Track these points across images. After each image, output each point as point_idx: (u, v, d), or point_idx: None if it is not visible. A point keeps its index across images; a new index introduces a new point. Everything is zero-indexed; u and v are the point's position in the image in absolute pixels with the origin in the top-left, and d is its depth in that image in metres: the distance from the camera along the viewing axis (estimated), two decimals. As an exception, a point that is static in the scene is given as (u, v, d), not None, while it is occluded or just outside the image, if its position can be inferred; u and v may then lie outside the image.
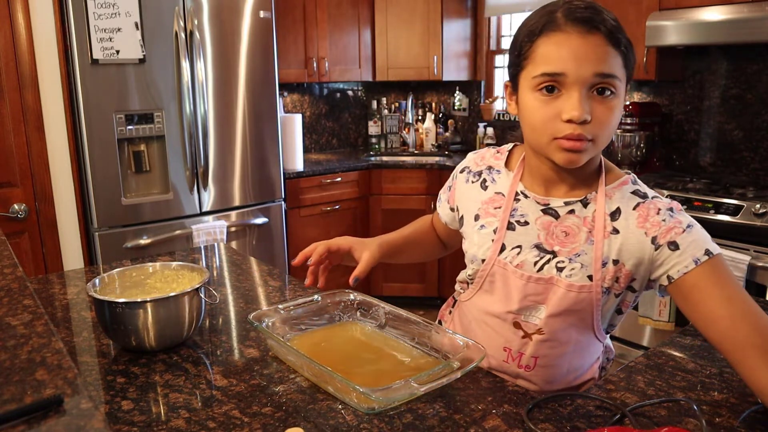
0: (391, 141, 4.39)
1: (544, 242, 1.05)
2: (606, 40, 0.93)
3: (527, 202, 1.08)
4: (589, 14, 0.93)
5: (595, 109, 0.94)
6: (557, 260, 1.04)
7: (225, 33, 2.93)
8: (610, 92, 0.94)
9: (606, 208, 1.02)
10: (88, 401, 0.66)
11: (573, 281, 1.02)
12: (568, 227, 1.04)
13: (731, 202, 2.51)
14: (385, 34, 3.99)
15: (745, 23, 2.47)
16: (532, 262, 1.05)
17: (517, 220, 1.09)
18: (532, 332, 1.10)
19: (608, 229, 1.01)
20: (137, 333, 1.12)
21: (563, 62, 0.92)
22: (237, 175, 3.09)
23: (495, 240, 1.09)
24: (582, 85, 0.92)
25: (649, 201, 1.02)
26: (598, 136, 0.95)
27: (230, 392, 1.01)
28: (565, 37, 0.93)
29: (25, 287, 1.00)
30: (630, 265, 1.01)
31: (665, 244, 0.97)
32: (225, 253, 1.85)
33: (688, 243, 0.96)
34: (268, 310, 1.20)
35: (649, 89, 3.34)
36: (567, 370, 1.13)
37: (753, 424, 0.91)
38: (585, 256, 1.02)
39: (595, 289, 1.02)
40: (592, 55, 0.92)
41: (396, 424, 0.91)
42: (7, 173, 2.53)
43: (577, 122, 0.93)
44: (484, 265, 1.11)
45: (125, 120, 2.70)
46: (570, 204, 1.05)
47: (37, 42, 2.52)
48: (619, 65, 0.94)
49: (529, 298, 1.07)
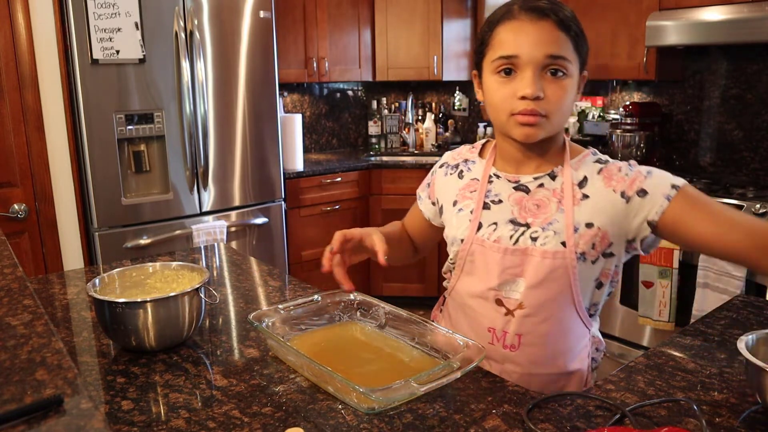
0: (391, 141, 4.39)
1: (518, 216, 1.12)
2: (556, 26, 1.02)
3: (500, 182, 1.16)
4: (540, 3, 1.03)
5: (548, 88, 1.03)
6: (531, 231, 1.10)
7: (225, 33, 2.93)
8: (561, 73, 1.03)
9: (573, 178, 1.11)
10: (88, 401, 0.66)
11: (547, 248, 1.08)
12: (539, 200, 1.11)
13: (731, 202, 2.51)
14: (385, 34, 3.99)
15: (745, 23, 2.47)
16: (508, 236, 1.11)
17: (491, 199, 1.16)
18: (513, 308, 1.13)
19: (577, 197, 1.09)
20: (137, 333, 1.12)
21: (517, 46, 1.03)
22: (237, 175, 3.09)
23: (472, 219, 1.15)
24: (535, 66, 1.02)
25: (610, 164, 1.12)
26: (551, 112, 1.04)
27: (230, 392, 1.01)
28: (519, 24, 1.03)
29: (25, 287, 1.00)
30: (605, 225, 1.07)
31: (634, 194, 1.06)
32: (225, 253, 1.85)
33: (654, 185, 1.05)
34: (268, 310, 1.20)
35: (649, 89, 3.34)
36: (553, 353, 1.15)
37: (753, 424, 0.91)
38: (557, 224, 1.08)
39: (569, 255, 1.07)
40: (542, 38, 1.02)
41: (396, 424, 0.91)
42: (7, 173, 2.53)
43: (531, 98, 1.02)
44: (463, 244, 1.16)
45: (125, 120, 2.70)
46: (539, 178, 1.12)
47: (37, 42, 2.52)
48: (570, 49, 1.04)
49: (508, 271, 1.11)
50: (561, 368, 1.16)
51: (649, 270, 2.61)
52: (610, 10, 3.08)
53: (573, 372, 1.17)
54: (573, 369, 1.17)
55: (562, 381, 1.17)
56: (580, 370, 1.17)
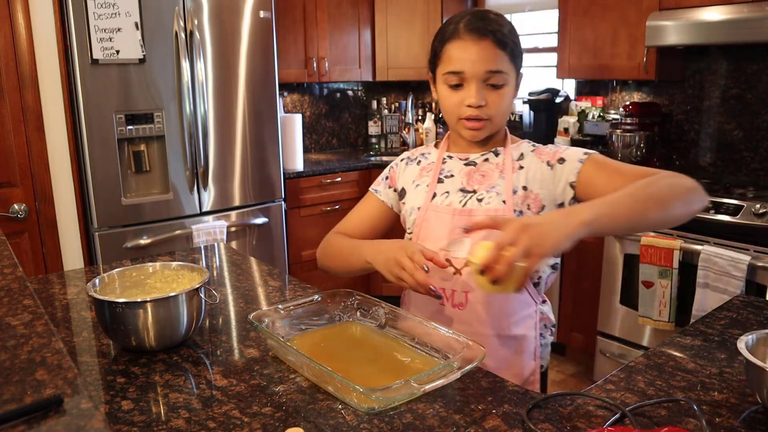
0: (391, 141, 4.39)
1: (467, 185, 1.30)
2: (494, 44, 1.20)
3: (452, 162, 1.35)
4: (481, 24, 1.20)
5: (489, 96, 1.23)
6: (477, 195, 1.28)
7: (225, 33, 2.93)
8: (500, 83, 1.22)
9: (512, 155, 1.31)
10: (88, 401, 0.66)
11: (490, 207, 1.25)
12: (485, 171, 1.31)
13: (731, 202, 2.51)
14: (385, 34, 3.99)
15: (745, 23, 2.47)
16: (458, 201, 1.29)
17: (445, 175, 1.34)
18: (461, 267, 1.24)
19: (516, 167, 1.29)
20: (137, 333, 1.12)
21: (462, 63, 1.21)
22: (237, 175, 3.09)
23: (428, 191, 1.33)
24: (477, 79, 1.21)
25: (541, 146, 1.32)
26: (492, 115, 1.24)
27: (230, 392, 1.01)
28: (463, 44, 1.21)
29: (25, 287, 1.00)
30: (536, 189, 1.26)
31: (556, 162, 1.25)
32: (225, 253, 1.85)
33: (570, 154, 1.25)
34: (268, 310, 1.20)
35: (649, 89, 3.34)
36: (499, 312, 1.26)
37: (753, 424, 0.91)
38: (498, 187, 1.27)
39: (508, 212, 1.24)
40: (483, 56, 1.20)
41: (396, 424, 0.91)
42: (7, 173, 2.53)
43: (475, 107, 1.22)
44: (420, 211, 1.32)
45: (125, 120, 2.70)
46: (485, 155, 1.33)
47: (37, 42, 2.52)
48: (506, 62, 1.22)
49: (456, 231, 1.26)
50: (506, 330, 1.27)
51: (649, 270, 2.61)
52: (610, 10, 3.08)
53: (518, 337, 1.28)
54: (518, 333, 1.28)
55: (508, 344, 1.28)
56: (525, 336, 1.29)
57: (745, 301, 1.40)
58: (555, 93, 3.65)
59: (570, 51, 3.29)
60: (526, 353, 1.29)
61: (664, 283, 2.57)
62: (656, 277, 2.59)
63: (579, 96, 3.68)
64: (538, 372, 1.32)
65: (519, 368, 1.29)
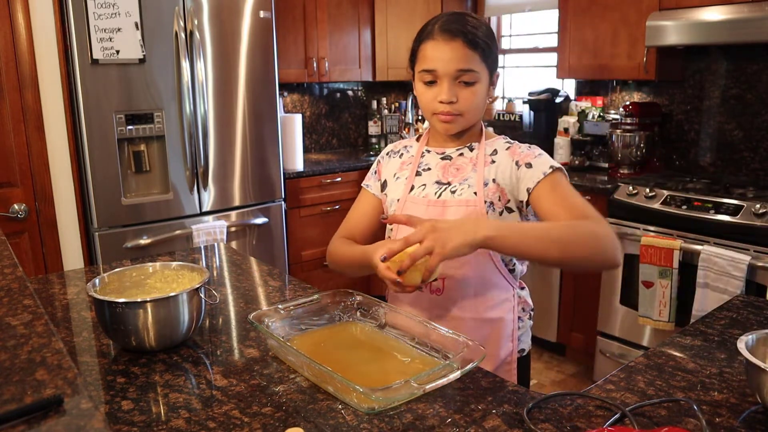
0: (391, 141, 4.39)
1: (442, 178, 1.37)
2: (464, 45, 1.26)
3: (430, 155, 1.42)
4: (453, 26, 1.27)
5: (460, 93, 1.28)
6: (450, 187, 1.34)
7: (225, 33, 2.93)
8: (471, 81, 1.28)
9: (486, 150, 1.37)
10: (88, 401, 0.66)
11: (462, 198, 1.31)
12: (459, 165, 1.37)
13: (731, 202, 2.51)
14: (385, 34, 3.99)
15: (745, 23, 2.47)
16: (433, 192, 1.35)
17: (423, 168, 1.40)
18: None
19: (488, 161, 1.35)
20: (137, 333, 1.12)
21: (434, 62, 1.28)
22: (237, 175, 3.09)
23: (406, 183, 1.39)
24: (449, 77, 1.27)
25: (516, 144, 1.37)
26: (463, 111, 1.30)
27: (230, 392, 1.01)
28: (436, 44, 1.28)
29: (25, 287, 1.00)
30: (503, 183, 1.31)
31: (523, 164, 1.30)
32: (225, 253, 1.85)
33: (538, 162, 1.29)
34: (268, 310, 1.20)
35: (649, 89, 3.34)
36: (475, 295, 1.33)
37: (753, 424, 0.91)
38: (471, 180, 1.33)
39: (479, 203, 1.29)
40: (454, 56, 1.26)
41: (396, 424, 0.91)
42: (7, 173, 2.53)
43: (446, 103, 1.28)
44: (398, 203, 1.38)
45: (125, 120, 2.70)
46: (460, 149, 1.39)
47: (37, 42, 2.52)
48: (477, 60, 1.27)
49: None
50: (482, 314, 1.33)
51: (649, 270, 2.61)
52: (610, 10, 3.08)
53: (494, 320, 1.34)
54: (494, 317, 1.34)
55: (484, 327, 1.34)
56: (502, 319, 1.35)
57: (745, 301, 1.40)
58: (555, 93, 3.65)
59: (570, 51, 3.29)
60: (504, 336, 1.36)
61: (664, 283, 2.57)
62: (656, 277, 2.59)
63: (579, 96, 3.67)
64: (515, 353, 1.38)
65: (496, 349, 1.35)
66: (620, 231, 2.76)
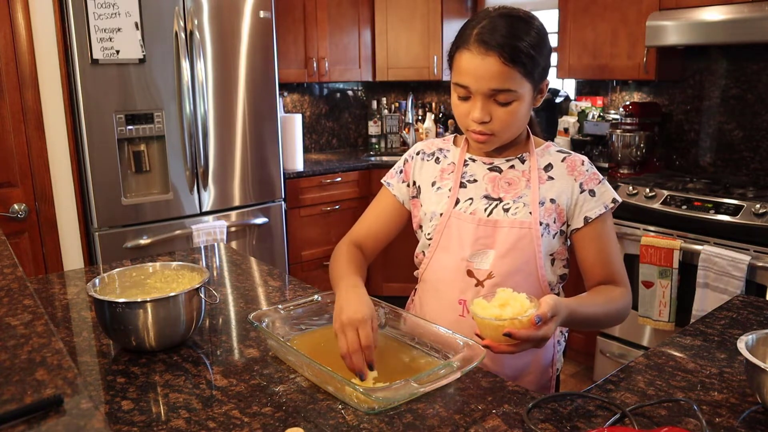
0: (391, 141, 4.39)
1: (492, 192, 1.25)
2: (501, 61, 1.10)
3: (475, 165, 1.29)
4: (489, 37, 1.11)
5: (495, 112, 1.16)
6: (503, 204, 1.23)
7: (225, 33, 2.93)
8: (508, 101, 1.14)
9: (538, 163, 1.26)
10: (88, 401, 0.66)
11: (516, 218, 1.21)
12: (511, 178, 1.26)
13: (731, 202, 2.51)
14: (385, 34, 3.99)
15: (745, 23, 2.47)
16: (483, 209, 1.24)
17: (467, 179, 1.28)
18: (483, 278, 1.22)
19: (543, 178, 1.24)
20: (137, 333, 1.12)
21: (467, 77, 1.14)
22: (237, 175, 3.09)
23: (450, 195, 1.27)
24: (482, 95, 1.14)
25: (573, 156, 1.27)
26: (497, 131, 1.18)
27: (230, 392, 1.01)
28: (470, 56, 1.13)
29: (25, 287, 1.00)
30: (563, 203, 1.22)
31: (587, 190, 1.22)
32: (225, 253, 1.85)
33: (602, 192, 1.23)
34: (268, 310, 1.20)
35: (649, 89, 3.34)
36: None
37: (753, 424, 0.91)
38: (526, 197, 1.23)
39: (534, 225, 1.20)
40: (487, 74, 1.11)
41: (396, 424, 0.91)
42: (7, 173, 2.53)
43: (478, 123, 1.16)
44: (442, 218, 1.26)
45: (125, 120, 2.70)
46: (510, 161, 1.27)
47: (37, 42, 2.52)
48: (516, 78, 1.12)
49: (480, 241, 1.22)
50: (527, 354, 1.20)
51: (649, 270, 2.61)
52: (610, 10, 3.08)
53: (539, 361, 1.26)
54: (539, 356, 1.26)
55: (528, 356, 1.25)
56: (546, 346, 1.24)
57: (745, 301, 1.40)
58: (555, 93, 3.65)
59: (570, 51, 3.29)
60: (544, 361, 1.29)
61: (664, 283, 2.57)
62: (656, 277, 2.59)
63: (579, 96, 3.67)
64: (554, 377, 1.32)
65: (537, 375, 1.28)
66: (620, 231, 2.76)
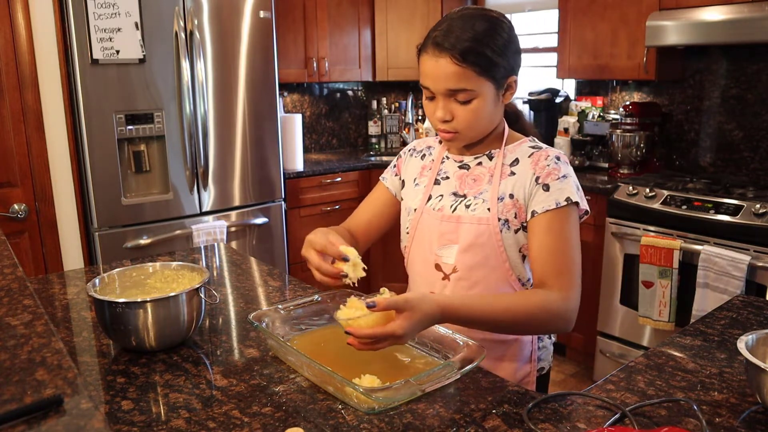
0: (391, 141, 4.39)
1: (458, 189, 1.29)
2: (453, 61, 1.14)
3: (449, 163, 1.34)
4: (441, 39, 1.15)
5: (456, 110, 1.19)
6: (466, 200, 1.26)
7: (225, 33, 2.93)
8: (467, 100, 1.17)
9: (506, 159, 1.27)
10: (88, 401, 0.66)
11: (475, 214, 1.23)
12: (476, 175, 1.28)
13: (731, 202, 2.51)
14: (385, 34, 3.99)
15: (745, 23, 2.47)
16: (449, 205, 1.28)
17: (441, 176, 1.33)
18: (449, 272, 1.27)
19: (506, 173, 1.25)
20: (137, 333, 1.12)
21: (426, 79, 1.20)
22: (237, 175, 3.09)
23: (424, 192, 1.33)
24: (442, 95, 1.19)
25: (542, 150, 1.25)
26: (461, 129, 1.21)
27: (230, 392, 1.01)
28: (427, 59, 1.18)
29: (25, 287, 1.00)
30: (521, 198, 1.22)
31: (542, 183, 1.20)
32: (225, 253, 1.85)
33: (556, 188, 1.19)
34: (268, 310, 1.20)
35: (649, 89, 3.34)
36: None
37: (753, 424, 0.91)
38: (486, 194, 1.25)
39: (492, 220, 1.22)
40: (442, 75, 1.16)
41: (396, 424, 0.91)
42: (7, 173, 2.53)
43: (441, 122, 1.21)
44: (415, 213, 1.33)
45: (125, 120, 2.70)
46: (478, 158, 1.30)
47: (37, 42, 2.52)
48: (472, 77, 1.15)
49: (445, 236, 1.27)
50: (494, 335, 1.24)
51: (649, 270, 2.61)
52: (610, 10, 3.08)
53: (508, 341, 1.28)
54: (509, 338, 1.27)
55: (500, 349, 1.28)
56: (518, 340, 1.28)
57: (745, 301, 1.40)
58: (555, 93, 3.65)
59: (570, 51, 3.29)
60: (521, 357, 1.30)
61: (664, 283, 2.57)
62: (656, 277, 2.59)
63: (579, 96, 3.67)
64: (533, 374, 1.32)
65: (512, 370, 1.30)
66: (620, 231, 2.76)
